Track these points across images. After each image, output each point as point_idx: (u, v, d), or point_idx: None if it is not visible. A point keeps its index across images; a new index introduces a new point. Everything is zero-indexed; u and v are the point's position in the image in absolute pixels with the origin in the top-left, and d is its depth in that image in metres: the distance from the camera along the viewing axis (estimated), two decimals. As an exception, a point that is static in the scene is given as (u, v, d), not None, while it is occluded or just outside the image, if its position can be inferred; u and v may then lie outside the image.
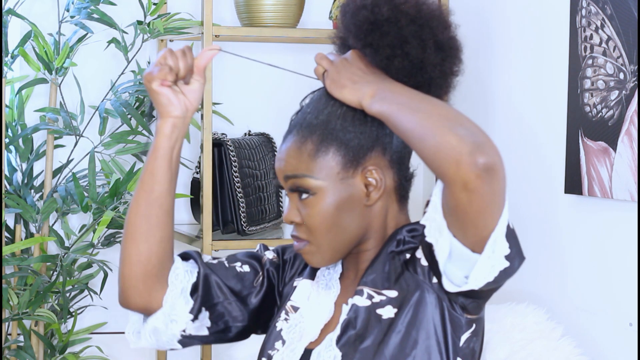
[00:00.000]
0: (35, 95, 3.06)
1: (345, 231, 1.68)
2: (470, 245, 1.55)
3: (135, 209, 1.73)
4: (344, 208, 1.67)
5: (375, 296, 1.67)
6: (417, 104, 1.57)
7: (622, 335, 2.42)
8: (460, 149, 1.47)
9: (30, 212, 2.86)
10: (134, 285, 1.74)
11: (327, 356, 1.66)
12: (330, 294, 1.76)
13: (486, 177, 1.47)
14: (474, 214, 1.51)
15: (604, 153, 2.44)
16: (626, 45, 2.38)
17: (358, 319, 1.66)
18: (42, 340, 2.90)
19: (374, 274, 1.69)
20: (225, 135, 3.03)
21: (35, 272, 2.85)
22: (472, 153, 1.47)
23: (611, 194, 2.43)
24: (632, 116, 2.36)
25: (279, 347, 1.75)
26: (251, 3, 2.95)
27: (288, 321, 1.76)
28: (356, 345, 1.65)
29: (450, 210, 1.53)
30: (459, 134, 1.49)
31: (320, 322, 1.73)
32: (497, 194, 1.51)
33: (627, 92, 2.38)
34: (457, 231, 1.55)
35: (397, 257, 1.69)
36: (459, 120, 1.52)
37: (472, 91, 3.07)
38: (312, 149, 1.67)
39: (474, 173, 1.47)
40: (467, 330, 1.67)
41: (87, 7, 2.87)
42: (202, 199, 2.80)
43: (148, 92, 1.71)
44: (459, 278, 1.59)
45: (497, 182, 1.49)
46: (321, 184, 1.67)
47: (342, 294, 1.75)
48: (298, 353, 1.72)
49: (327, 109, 1.69)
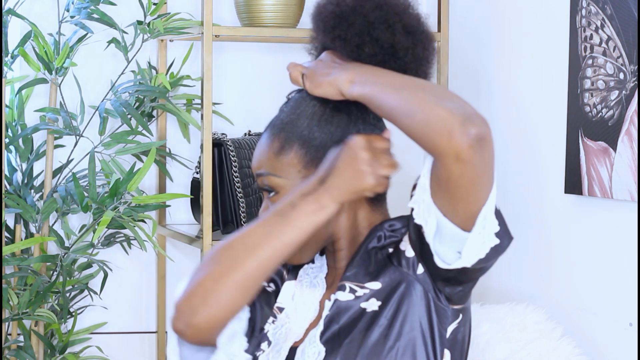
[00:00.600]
0: (35, 95, 3.06)
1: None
2: (460, 223, 1.55)
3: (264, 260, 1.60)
4: None
5: (358, 290, 1.67)
6: (399, 82, 1.58)
7: (622, 335, 2.42)
8: (451, 120, 1.48)
9: (30, 212, 2.86)
10: (214, 326, 1.62)
11: (311, 352, 1.66)
12: (315, 292, 1.76)
13: (478, 147, 1.48)
14: (465, 187, 1.51)
15: (604, 153, 2.44)
16: (626, 45, 2.38)
17: (341, 314, 1.66)
18: (42, 340, 2.90)
19: (356, 269, 1.69)
20: (225, 135, 3.03)
21: (35, 272, 2.85)
22: (463, 124, 1.48)
23: (611, 194, 2.43)
24: (632, 116, 2.36)
25: (265, 347, 1.75)
26: (251, 3, 2.95)
27: (275, 322, 1.76)
28: (341, 340, 1.65)
29: (441, 186, 1.54)
30: (448, 106, 1.50)
31: (306, 321, 1.73)
32: (488, 165, 1.52)
33: (627, 92, 2.38)
34: (447, 208, 1.55)
35: (380, 252, 1.69)
36: (445, 94, 1.53)
37: (471, 91, 3.07)
38: (277, 147, 1.70)
39: (466, 143, 1.47)
40: (453, 320, 1.67)
41: (87, 7, 2.87)
42: (202, 199, 2.80)
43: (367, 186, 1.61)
44: (449, 257, 1.60)
45: (487, 153, 1.51)
46: (283, 182, 1.69)
47: (327, 292, 1.75)
48: (284, 353, 1.72)
49: (299, 109, 1.72)
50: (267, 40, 3.14)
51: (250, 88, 3.26)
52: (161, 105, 3.01)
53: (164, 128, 3.18)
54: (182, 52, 3.16)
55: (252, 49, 3.26)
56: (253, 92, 3.26)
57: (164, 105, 2.99)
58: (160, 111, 3.12)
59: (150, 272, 3.24)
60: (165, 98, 2.94)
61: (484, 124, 1.50)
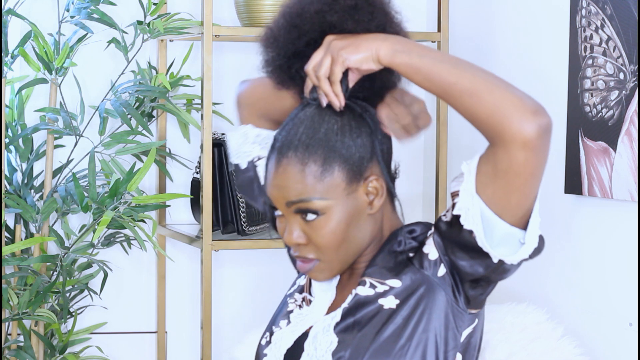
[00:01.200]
0: (35, 95, 3.06)
1: (353, 243, 1.68)
2: (514, 219, 1.57)
3: None
4: (352, 221, 1.66)
5: (378, 286, 1.68)
6: (452, 59, 1.57)
7: (622, 335, 2.42)
8: (524, 107, 1.49)
9: (30, 212, 2.86)
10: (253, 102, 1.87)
11: (323, 340, 1.67)
12: (331, 281, 1.77)
13: (546, 137, 1.50)
14: (525, 177, 1.52)
15: (604, 153, 2.44)
16: (626, 45, 2.38)
17: (359, 308, 1.67)
18: (42, 340, 2.90)
19: (377, 267, 1.70)
20: (225, 135, 3.03)
21: (35, 272, 2.85)
22: (535, 113, 1.49)
23: (611, 194, 2.43)
24: (632, 116, 2.36)
25: (283, 325, 1.77)
26: (251, 3, 2.95)
27: (301, 308, 1.77)
28: (354, 333, 1.65)
29: (498, 176, 1.54)
30: (517, 93, 1.51)
31: (323, 307, 1.75)
32: (545, 159, 1.54)
33: (627, 92, 2.38)
34: (500, 205, 1.56)
35: (400, 255, 1.69)
36: (504, 80, 1.54)
37: (472, 91, 3.07)
38: (316, 170, 1.63)
39: (536, 132, 1.49)
40: (469, 325, 1.68)
41: (87, 7, 2.87)
42: (202, 199, 2.80)
43: None
44: (502, 253, 1.60)
45: (548, 147, 1.52)
46: (330, 203, 1.64)
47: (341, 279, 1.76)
48: (297, 334, 1.73)
49: (322, 127, 1.65)
50: (267, 40, 3.14)
51: (250, 88, 3.26)
52: (161, 105, 3.01)
53: (164, 128, 3.18)
54: (182, 52, 3.16)
55: (252, 49, 3.26)
56: (253, 92, 3.26)
57: (164, 105, 2.99)
58: (160, 111, 3.12)
59: (150, 272, 3.24)
60: (165, 98, 2.94)
61: (549, 117, 1.52)
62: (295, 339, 1.73)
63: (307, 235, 1.66)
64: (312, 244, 1.66)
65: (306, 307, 1.77)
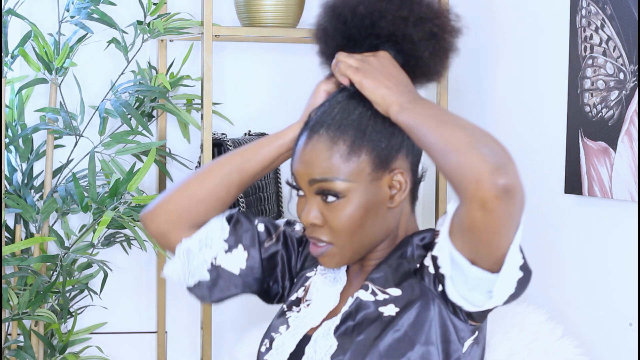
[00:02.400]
0: (35, 95, 3.06)
1: (368, 233, 1.68)
2: (486, 266, 1.55)
3: (220, 164, 1.79)
4: (370, 210, 1.67)
5: (379, 294, 1.68)
6: (442, 118, 1.57)
7: (622, 335, 2.42)
8: (481, 167, 1.47)
9: (30, 212, 2.86)
10: (170, 211, 1.80)
11: (323, 344, 1.67)
12: (337, 285, 1.77)
13: (505, 198, 1.47)
14: (488, 235, 1.51)
15: (604, 153, 2.44)
16: (626, 45, 2.38)
17: (359, 312, 1.67)
18: (42, 340, 2.90)
19: (381, 273, 1.69)
20: (225, 135, 3.03)
21: (35, 272, 2.85)
22: (493, 173, 1.47)
23: (611, 194, 2.43)
24: (632, 116, 2.36)
25: (283, 331, 1.77)
26: (251, 3, 2.95)
27: (299, 312, 1.77)
28: (352, 337, 1.65)
29: (463, 231, 1.53)
30: (482, 152, 1.49)
31: (325, 311, 1.74)
32: (514, 216, 1.51)
33: (627, 92, 2.38)
34: (470, 254, 1.55)
35: (407, 264, 1.69)
36: (484, 138, 1.52)
37: (472, 91, 3.07)
38: (344, 150, 1.65)
39: (492, 193, 1.46)
40: (470, 336, 1.67)
41: (87, 7, 2.87)
42: (202, 199, 2.80)
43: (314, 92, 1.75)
44: (479, 299, 1.60)
45: (514, 205, 1.49)
46: (352, 186, 1.65)
47: (347, 285, 1.76)
48: (298, 337, 1.73)
49: (357, 110, 1.67)
50: (267, 40, 3.14)
51: (250, 88, 3.26)
52: (161, 105, 3.01)
53: (164, 128, 3.18)
54: (182, 52, 3.16)
55: (252, 49, 3.26)
56: (253, 92, 3.26)
57: (164, 105, 2.99)
58: (160, 111, 3.12)
59: (150, 272, 3.24)
60: (165, 98, 2.94)
61: (516, 176, 1.49)
62: (298, 343, 1.73)
63: (324, 217, 1.66)
64: (328, 227, 1.66)
65: (304, 309, 1.77)
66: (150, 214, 1.82)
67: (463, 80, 3.10)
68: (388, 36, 1.69)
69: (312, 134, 1.67)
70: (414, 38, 1.69)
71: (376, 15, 1.69)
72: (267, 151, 1.77)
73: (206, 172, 1.80)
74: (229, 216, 1.84)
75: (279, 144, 1.77)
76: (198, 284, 1.83)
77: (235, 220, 1.84)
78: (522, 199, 1.51)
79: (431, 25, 1.69)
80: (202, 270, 1.82)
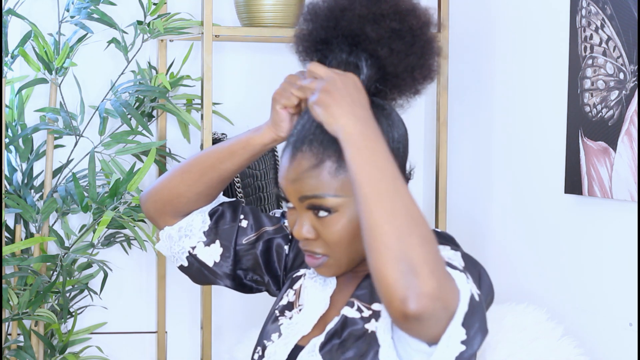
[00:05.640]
0: (35, 95, 3.06)
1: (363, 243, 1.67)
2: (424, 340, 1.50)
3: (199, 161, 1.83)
4: None
5: (364, 310, 1.66)
6: (386, 182, 1.47)
7: (622, 335, 2.42)
8: (393, 290, 1.40)
9: (30, 212, 2.86)
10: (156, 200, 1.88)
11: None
12: (327, 289, 1.76)
13: (415, 322, 1.41)
14: (415, 334, 1.47)
15: (604, 153, 2.44)
16: (626, 45, 2.38)
17: (344, 330, 1.66)
18: (42, 340, 2.90)
19: (366, 289, 1.68)
20: (225, 135, 3.03)
21: (35, 272, 2.85)
22: (403, 301, 1.39)
23: (611, 194, 2.43)
24: (632, 116, 2.36)
25: (275, 339, 1.75)
26: (251, 3, 2.95)
27: (291, 319, 1.76)
28: (338, 355, 1.64)
29: None
30: (399, 268, 1.40)
31: (315, 316, 1.73)
32: (440, 319, 1.44)
33: (627, 92, 2.38)
34: None
35: None
36: (410, 239, 1.42)
37: (472, 91, 3.07)
38: (330, 166, 1.61)
39: (403, 317, 1.41)
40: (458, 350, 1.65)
41: (87, 7, 2.87)
42: (202, 199, 2.80)
43: (271, 105, 1.74)
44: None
45: (433, 323, 1.43)
46: (343, 201, 1.62)
47: (337, 289, 1.75)
48: (290, 347, 1.72)
49: None
50: (267, 40, 3.14)
51: (250, 88, 3.26)
52: (161, 105, 3.01)
53: (164, 128, 3.18)
54: (182, 52, 3.16)
55: (252, 49, 3.26)
56: (253, 92, 3.26)
57: (164, 105, 2.99)
58: (160, 111, 3.12)
59: (150, 272, 3.24)
60: (165, 98, 2.94)
61: (432, 299, 1.39)
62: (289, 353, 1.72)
63: (317, 231, 1.64)
64: (322, 240, 1.65)
65: (296, 315, 1.76)
66: (143, 198, 1.91)
67: (463, 80, 3.10)
68: (352, 37, 1.67)
69: (296, 152, 1.64)
70: (373, 36, 1.64)
71: (338, 14, 1.68)
72: (240, 156, 1.80)
73: (187, 167, 1.85)
74: (212, 210, 1.88)
75: (250, 150, 1.79)
76: (181, 267, 1.92)
77: (219, 214, 1.88)
78: (449, 307, 1.43)
79: (390, 22, 1.64)
80: (182, 257, 1.90)
